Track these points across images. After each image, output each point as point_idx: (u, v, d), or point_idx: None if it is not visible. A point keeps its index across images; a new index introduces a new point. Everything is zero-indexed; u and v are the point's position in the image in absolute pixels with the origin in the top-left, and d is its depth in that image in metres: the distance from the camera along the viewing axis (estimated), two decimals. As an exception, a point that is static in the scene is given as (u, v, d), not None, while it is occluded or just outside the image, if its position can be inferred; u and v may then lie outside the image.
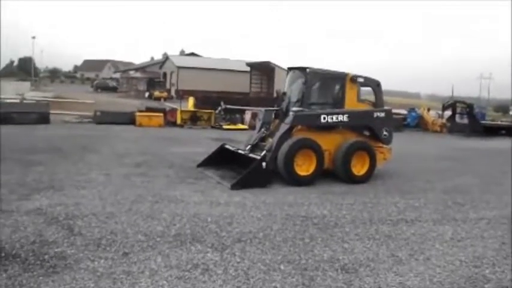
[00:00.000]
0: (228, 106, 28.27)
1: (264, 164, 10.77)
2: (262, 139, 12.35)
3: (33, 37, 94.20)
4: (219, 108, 27.92)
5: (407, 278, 5.80)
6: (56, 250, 6.05)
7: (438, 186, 12.02)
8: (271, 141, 11.63)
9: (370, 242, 7.16)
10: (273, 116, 12.81)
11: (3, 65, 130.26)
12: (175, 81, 63.86)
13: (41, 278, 5.20)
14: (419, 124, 34.64)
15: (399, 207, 9.52)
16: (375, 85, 13.05)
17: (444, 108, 36.08)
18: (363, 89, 12.98)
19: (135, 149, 15.65)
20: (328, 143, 11.84)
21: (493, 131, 33.15)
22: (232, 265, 5.90)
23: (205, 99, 32.87)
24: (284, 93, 12.86)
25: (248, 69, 54.00)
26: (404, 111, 37.84)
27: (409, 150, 19.92)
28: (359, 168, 12.01)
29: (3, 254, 5.82)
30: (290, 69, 12.99)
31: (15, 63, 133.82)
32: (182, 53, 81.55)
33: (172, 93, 60.57)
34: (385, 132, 12.67)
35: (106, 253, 6.05)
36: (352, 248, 6.83)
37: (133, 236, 6.77)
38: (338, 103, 12.36)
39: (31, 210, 7.76)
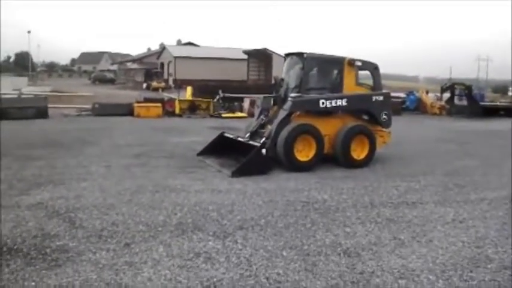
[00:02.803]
0: (226, 94, 28.33)
1: (263, 150, 10.76)
2: (262, 126, 12.33)
3: (29, 31, 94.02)
4: (218, 96, 27.98)
5: (410, 261, 5.80)
6: (58, 243, 6.05)
7: (438, 169, 12.01)
8: (270, 128, 11.61)
9: (372, 226, 7.16)
10: (272, 103, 12.76)
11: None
12: (173, 71, 63.69)
13: (43, 271, 5.19)
14: (418, 107, 34.60)
15: (400, 190, 9.51)
16: (373, 68, 12.99)
17: (443, 91, 36.01)
18: (361, 72, 12.92)
19: (135, 140, 15.63)
20: (328, 128, 11.81)
21: (492, 112, 33.11)
22: (234, 253, 5.89)
23: (204, 88, 32.83)
24: (282, 80, 12.81)
25: (246, 57, 53.81)
26: (403, 95, 37.79)
27: (409, 134, 19.92)
28: (359, 152, 12.01)
29: (5, 249, 5.82)
30: (287, 55, 12.92)
31: (12, 59, 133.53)
32: (179, 43, 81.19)
33: (170, 83, 60.42)
34: (384, 116, 12.62)
35: (108, 245, 6.05)
36: (354, 232, 6.83)
37: (134, 227, 6.76)
38: (336, 87, 12.31)
39: (32, 205, 7.75)
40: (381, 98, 12.62)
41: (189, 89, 30.16)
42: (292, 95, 11.72)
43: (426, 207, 8.35)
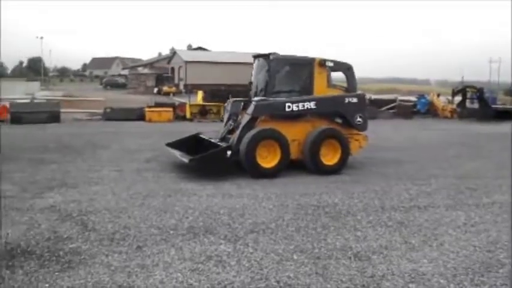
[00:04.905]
0: (237, 99, 28.35)
1: (228, 152, 10.70)
2: (230, 131, 11.94)
3: (41, 37, 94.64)
4: (228, 101, 28.01)
5: (420, 265, 5.79)
6: (71, 246, 6.12)
7: (450, 172, 11.97)
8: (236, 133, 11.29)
9: (383, 230, 7.16)
10: (241, 107, 12.26)
11: (13, 65, 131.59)
12: (184, 75, 63.97)
13: (56, 273, 5.26)
14: (430, 110, 34.41)
15: (411, 194, 9.50)
16: (346, 69, 12.45)
17: (454, 94, 35.76)
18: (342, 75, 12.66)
19: (146, 145, 15.71)
20: (296, 132, 11.37)
21: (504, 115, 32.83)
22: (245, 256, 5.93)
23: (214, 93, 32.89)
24: (250, 83, 12.55)
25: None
26: (413, 98, 37.64)
27: (420, 137, 19.85)
28: (330, 157, 11.49)
29: (19, 251, 5.90)
30: (255, 57, 12.66)
31: (25, 64, 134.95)
32: (189, 48, 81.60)
33: (181, 87, 60.66)
34: (358, 119, 11.98)
35: (120, 247, 6.11)
36: (364, 236, 6.84)
37: (146, 230, 6.82)
38: (306, 90, 11.88)
39: (45, 208, 7.85)
40: (355, 99, 12.02)
41: (199, 93, 30.26)
42: (256, 98, 11.40)
43: (437, 210, 8.33)
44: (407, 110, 32.26)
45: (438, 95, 36.86)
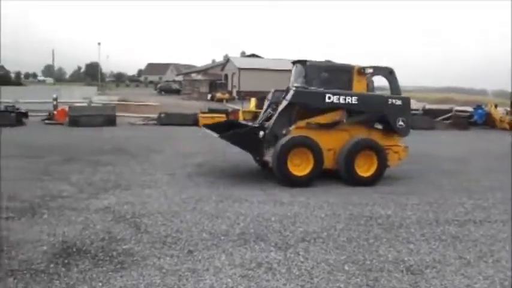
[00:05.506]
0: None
1: (261, 133, 10.59)
2: (268, 119, 11.76)
3: (99, 43, 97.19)
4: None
5: (475, 281, 5.61)
6: (124, 247, 6.25)
7: (507, 186, 11.57)
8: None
9: (437, 243, 6.98)
10: (282, 97, 11.85)
11: (71, 70, 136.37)
12: (237, 82, 64.51)
13: (110, 273, 5.38)
14: (487, 121, 33.37)
15: (466, 208, 9.23)
16: (387, 73, 12.10)
17: (513, 104, 34.63)
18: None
19: (198, 149, 15.89)
20: (333, 141, 11.00)
21: None
22: (295, 264, 5.89)
23: (266, 100, 33.01)
24: (288, 89, 12.45)
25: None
26: (470, 109, 36.60)
27: (476, 149, 19.28)
28: (366, 169, 11.04)
29: (74, 250, 6.08)
30: (294, 62, 12.51)
31: (83, 69, 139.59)
32: (243, 55, 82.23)
33: (234, 94, 61.19)
34: (400, 122, 11.41)
35: (172, 251, 6.19)
36: (417, 249, 6.69)
37: (198, 235, 6.88)
38: None
39: (100, 209, 8.05)
40: (399, 102, 11.44)
41: (252, 100, 30.38)
42: (296, 85, 11.15)
43: (494, 226, 8.05)
44: (464, 121, 31.43)
45: (496, 106, 35.73)
